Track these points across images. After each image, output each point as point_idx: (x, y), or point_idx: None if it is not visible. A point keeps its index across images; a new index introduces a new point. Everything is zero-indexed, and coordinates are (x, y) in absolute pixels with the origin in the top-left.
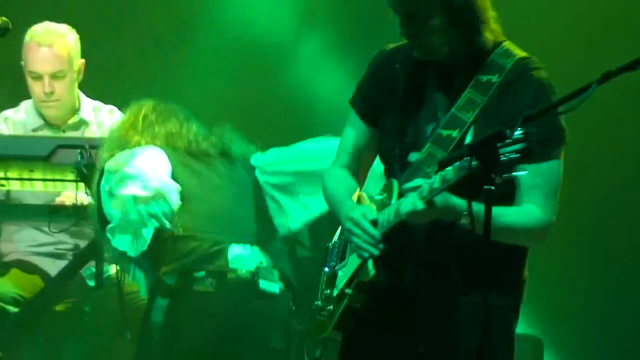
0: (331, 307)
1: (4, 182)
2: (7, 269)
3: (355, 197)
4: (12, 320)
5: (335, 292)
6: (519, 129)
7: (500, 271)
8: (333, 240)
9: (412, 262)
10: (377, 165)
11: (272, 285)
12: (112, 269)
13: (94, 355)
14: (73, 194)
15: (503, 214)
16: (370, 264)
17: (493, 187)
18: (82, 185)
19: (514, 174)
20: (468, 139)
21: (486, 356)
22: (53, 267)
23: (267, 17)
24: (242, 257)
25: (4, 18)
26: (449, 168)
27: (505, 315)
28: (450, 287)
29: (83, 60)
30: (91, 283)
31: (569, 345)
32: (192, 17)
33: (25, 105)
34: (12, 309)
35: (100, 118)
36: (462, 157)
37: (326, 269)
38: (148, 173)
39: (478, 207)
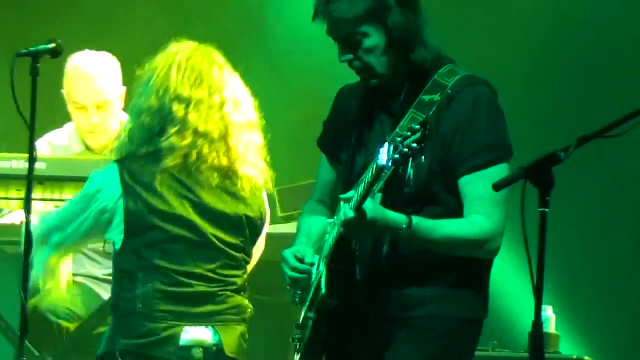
0: (299, 335)
1: (58, 203)
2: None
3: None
4: (62, 334)
5: (300, 321)
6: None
7: (453, 284)
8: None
9: (360, 279)
10: None
11: None
12: None
13: None
14: None
15: (444, 225)
16: (322, 283)
17: (547, 210)
18: None
19: None
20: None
21: None
22: (108, 291)
23: None
24: (195, 340)
25: (58, 41)
26: (369, 172)
27: (460, 329)
28: (398, 303)
29: (125, 88)
30: None
31: None
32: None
33: (69, 129)
34: (66, 324)
35: None
36: (517, 180)
37: (296, 300)
38: None
39: (418, 221)
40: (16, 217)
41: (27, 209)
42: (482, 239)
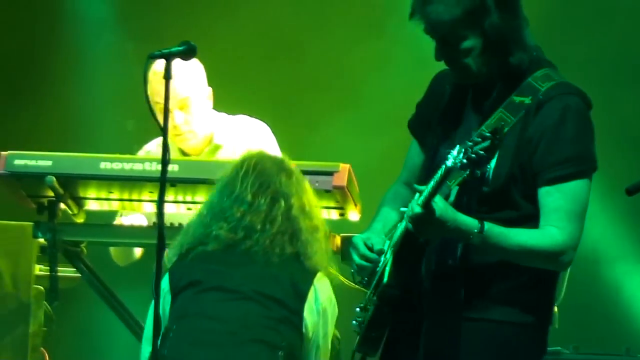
0: (361, 318)
1: (191, 205)
2: None
3: None
4: None
5: (363, 303)
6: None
7: (518, 289)
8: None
9: (425, 273)
10: None
11: None
12: None
13: None
14: None
15: (516, 234)
16: (386, 271)
17: None
18: None
19: None
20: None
21: None
22: None
23: None
24: None
25: (191, 43)
26: (439, 170)
27: (521, 334)
28: (456, 303)
29: (210, 89)
30: None
31: None
32: None
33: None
34: None
35: (231, 137)
36: None
37: (363, 282)
38: None
39: (489, 227)
40: (134, 219)
41: (160, 211)
42: (553, 252)
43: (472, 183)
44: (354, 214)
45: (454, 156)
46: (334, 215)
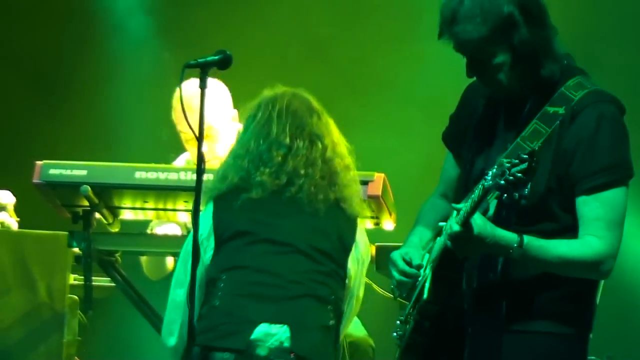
0: (402, 332)
1: None
2: None
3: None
4: None
5: (403, 317)
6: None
7: (560, 301)
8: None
9: (466, 288)
10: None
11: None
12: None
13: None
14: None
15: (556, 245)
16: (426, 287)
17: None
18: None
19: None
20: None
21: None
22: None
23: None
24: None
25: (227, 52)
26: (477, 189)
27: (564, 345)
28: (499, 316)
29: (236, 111)
30: None
31: None
32: None
33: (186, 157)
34: None
35: None
36: None
37: (403, 294)
38: None
39: (529, 240)
40: (167, 229)
41: (195, 220)
42: (593, 261)
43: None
44: (388, 223)
45: (492, 177)
46: (369, 224)
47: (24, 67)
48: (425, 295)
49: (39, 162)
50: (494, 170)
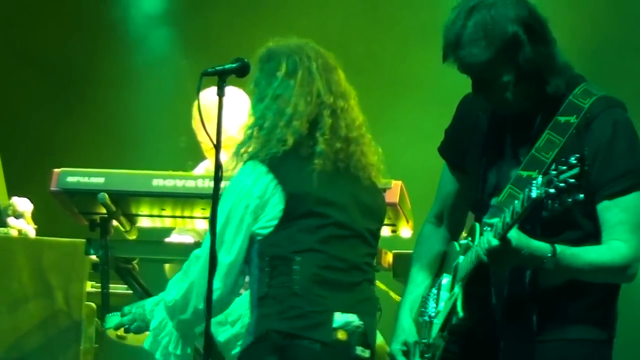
0: (429, 354)
1: None
2: None
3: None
4: None
5: (431, 340)
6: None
7: (588, 307)
8: (428, 290)
9: (496, 302)
10: None
11: (365, 352)
12: None
13: None
14: None
15: (585, 253)
16: (459, 305)
17: None
18: None
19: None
20: None
21: None
22: None
23: None
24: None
25: (244, 60)
26: (516, 201)
27: (596, 351)
28: (530, 327)
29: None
30: None
31: None
32: None
33: (205, 165)
34: None
35: None
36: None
37: (425, 318)
38: None
39: (562, 249)
40: (182, 238)
41: (212, 228)
42: (621, 265)
43: (534, 209)
44: (406, 231)
45: (538, 186)
46: (386, 232)
47: (44, 72)
48: (460, 314)
49: (56, 170)
50: (539, 180)
